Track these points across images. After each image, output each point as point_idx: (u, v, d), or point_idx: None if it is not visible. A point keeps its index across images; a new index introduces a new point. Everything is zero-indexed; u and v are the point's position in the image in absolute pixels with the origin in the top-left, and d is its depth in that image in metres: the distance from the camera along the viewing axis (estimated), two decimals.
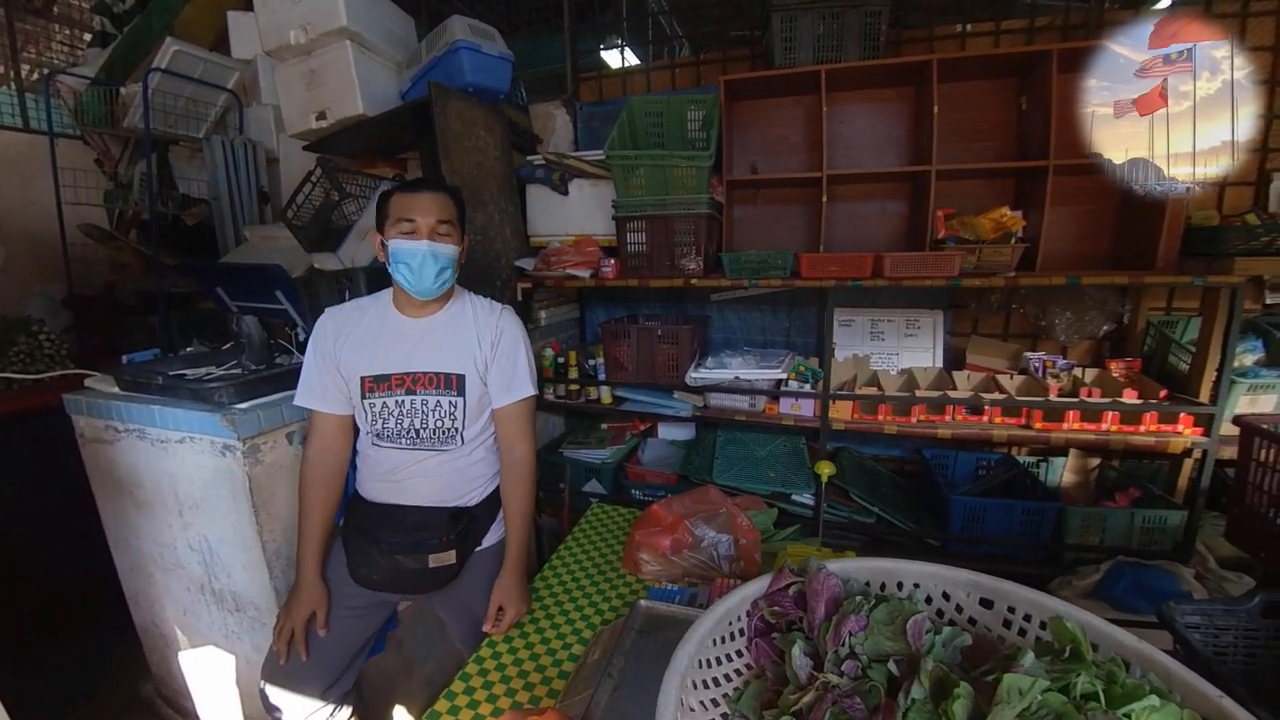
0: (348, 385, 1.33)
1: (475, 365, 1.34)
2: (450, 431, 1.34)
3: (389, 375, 1.30)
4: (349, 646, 1.40)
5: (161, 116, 2.75)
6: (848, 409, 2.13)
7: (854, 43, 2.21)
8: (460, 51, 2.18)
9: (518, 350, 1.38)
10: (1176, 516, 1.90)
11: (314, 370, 1.34)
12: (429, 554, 1.33)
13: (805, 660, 0.70)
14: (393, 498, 1.36)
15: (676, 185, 2.12)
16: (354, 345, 1.32)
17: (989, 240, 1.99)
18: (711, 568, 1.41)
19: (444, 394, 1.32)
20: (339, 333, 1.33)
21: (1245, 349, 2.02)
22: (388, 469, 1.35)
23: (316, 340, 1.34)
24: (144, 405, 1.56)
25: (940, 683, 0.62)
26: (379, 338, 1.33)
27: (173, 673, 1.90)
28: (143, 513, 1.70)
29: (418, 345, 1.33)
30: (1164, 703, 0.62)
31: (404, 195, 1.28)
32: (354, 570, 1.35)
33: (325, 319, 1.36)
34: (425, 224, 1.26)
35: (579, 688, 1.06)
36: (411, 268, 1.25)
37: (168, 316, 2.83)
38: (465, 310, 1.38)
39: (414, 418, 1.31)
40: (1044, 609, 0.80)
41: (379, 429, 1.33)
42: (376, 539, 1.33)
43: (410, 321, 1.34)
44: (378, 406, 1.31)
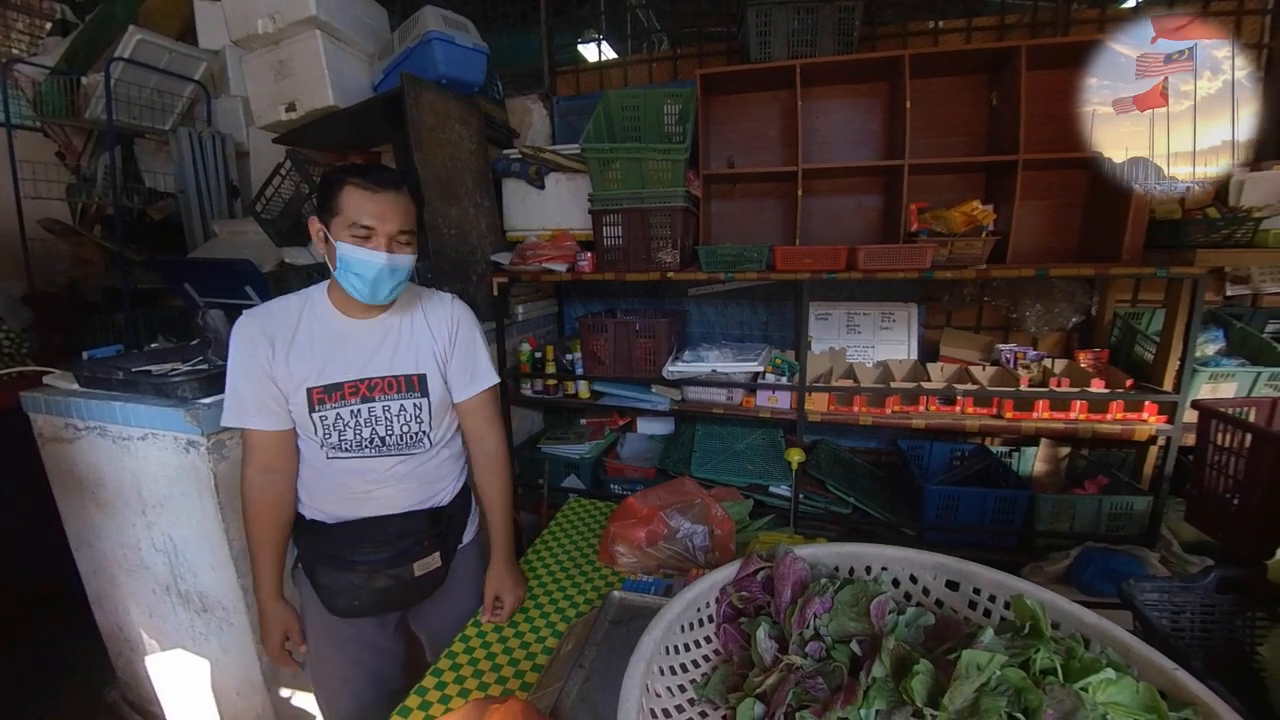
0: (288, 399, 1.17)
1: (436, 362, 1.25)
2: (417, 435, 1.24)
3: (340, 384, 1.17)
4: (381, 684, 1.31)
5: (125, 108, 2.68)
6: (824, 401, 2.14)
7: (828, 38, 2.22)
8: (433, 42, 2.15)
9: (475, 339, 1.31)
10: (1142, 502, 1.95)
11: (243, 384, 1.16)
12: (413, 561, 1.25)
13: (770, 643, 0.70)
14: (365, 511, 1.24)
15: (652, 179, 2.11)
16: (294, 354, 1.16)
17: (961, 233, 2.02)
18: (687, 559, 1.41)
19: (406, 397, 1.22)
20: (270, 340, 1.15)
21: (1207, 339, 2.08)
22: (352, 481, 1.22)
23: (243, 348, 1.16)
24: (104, 402, 1.52)
25: (902, 661, 0.62)
26: (322, 344, 1.18)
27: (139, 678, 1.85)
28: (105, 513, 1.66)
29: (370, 348, 1.20)
30: (1120, 675, 0.63)
31: (360, 193, 1.09)
32: (330, 603, 1.23)
33: (246, 324, 1.17)
34: (385, 232, 1.10)
35: (551, 680, 1.05)
36: (365, 279, 1.12)
37: (134, 314, 2.76)
38: (415, 305, 1.27)
39: (375, 425, 1.20)
40: (1007, 589, 0.81)
41: (335, 441, 1.19)
42: (351, 563, 1.21)
43: (357, 323, 1.20)
44: (330, 418, 1.17)
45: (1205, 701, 0.62)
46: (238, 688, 1.64)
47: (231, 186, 2.92)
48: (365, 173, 1.12)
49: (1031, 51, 1.99)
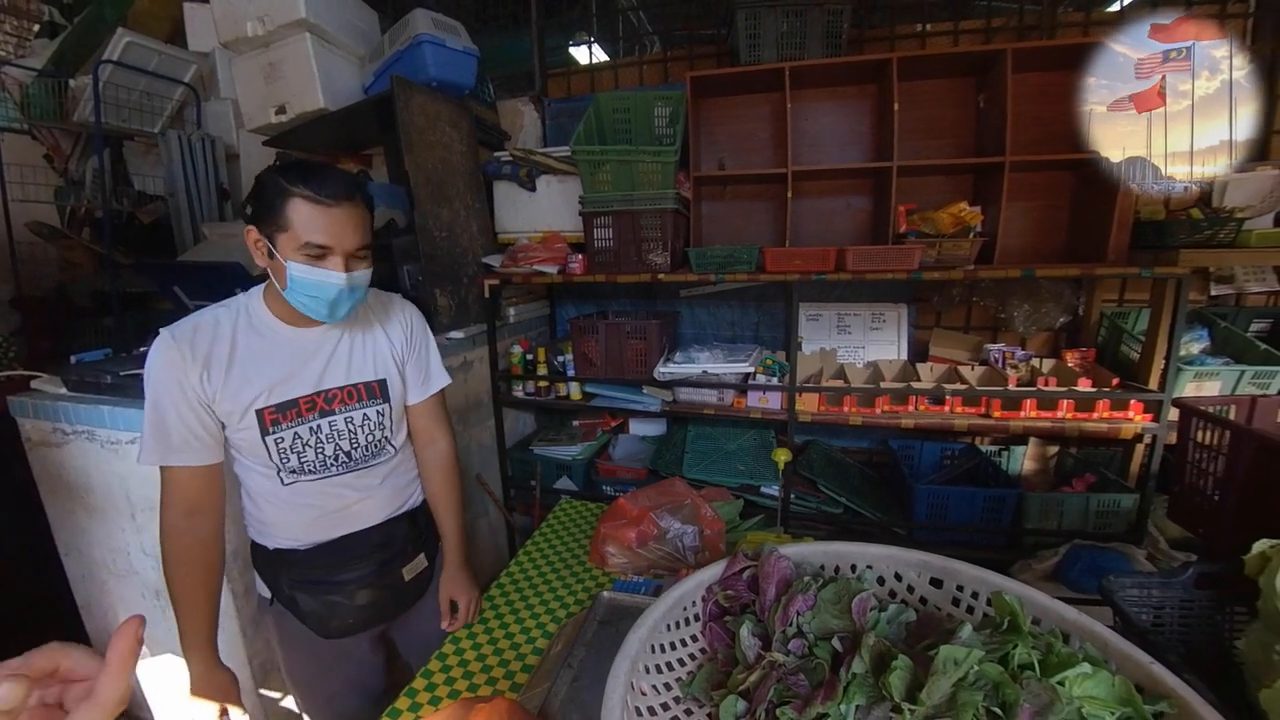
0: (227, 426, 1.06)
1: (395, 365, 1.21)
2: (380, 443, 1.20)
3: (295, 400, 1.08)
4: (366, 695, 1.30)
5: (114, 110, 2.67)
6: (814, 401, 2.15)
7: (817, 41, 2.24)
8: (423, 45, 2.15)
9: (429, 340, 1.29)
10: (1129, 500, 1.96)
11: (170, 415, 1.01)
12: (401, 567, 1.26)
13: (754, 640, 0.71)
14: (343, 529, 1.18)
15: (643, 181, 2.12)
16: (235, 375, 1.04)
17: (949, 234, 2.04)
18: (677, 559, 1.42)
19: (369, 405, 1.16)
20: (203, 361, 1.02)
21: (1191, 338, 2.10)
22: (322, 502, 1.15)
23: (165, 374, 1.01)
24: (93, 405, 1.52)
25: (881, 657, 0.63)
26: (267, 359, 1.06)
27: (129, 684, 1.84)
28: (94, 518, 1.65)
29: (325, 359, 1.12)
30: (1096, 670, 0.64)
31: (311, 208, 0.97)
32: (320, 627, 1.20)
33: (168, 345, 1.01)
34: (342, 251, 1.00)
35: (540, 680, 1.05)
36: (322, 300, 1.02)
37: (123, 317, 2.75)
38: (365, 308, 1.19)
39: (339, 440, 1.13)
40: (989, 585, 0.82)
41: (294, 464, 1.10)
42: (338, 583, 1.18)
43: (304, 333, 1.10)
44: (286, 440, 1.08)
45: (1180, 695, 0.63)
46: None
47: (221, 189, 2.91)
48: (313, 180, 0.97)
49: (1018, 54, 2.01)
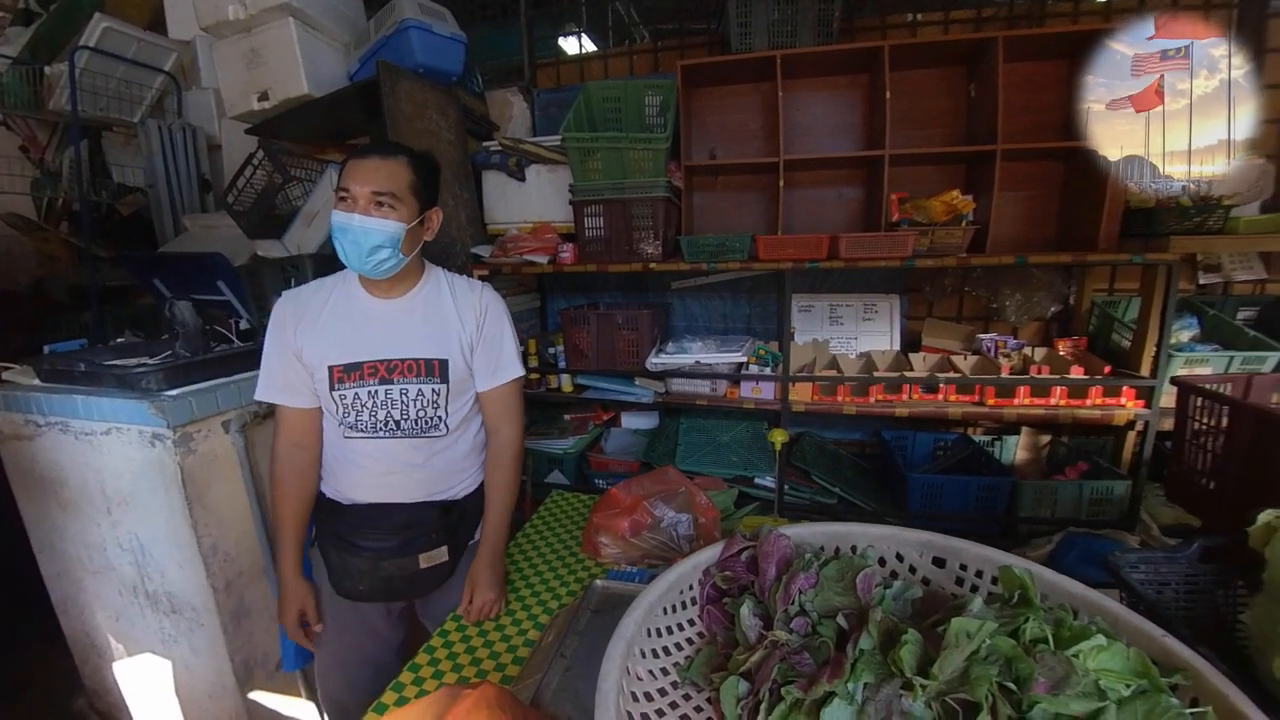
0: (312, 376, 1.20)
1: (461, 347, 1.24)
2: (433, 420, 1.24)
3: (360, 364, 1.18)
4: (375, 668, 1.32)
5: (91, 99, 2.60)
6: (808, 391, 2.14)
7: (808, 29, 2.23)
8: (410, 31, 2.11)
9: (503, 329, 1.29)
10: (1121, 487, 1.97)
11: (275, 361, 1.21)
12: (419, 553, 1.25)
13: (755, 620, 0.68)
14: (376, 496, 1.25)
15: (633, 169, 2.09)
16: (317, 332, 1.19)
17: (941, 222, 2.03)
18: (671, 548, 1.39)
19: (425, 381, 1.21)
20: (299, 318, 1.20)
21: (1181, 326, 2.11)
22: (366, 463, 1.24)
23: (275, 327, 1.21)
24: (65, 396, 1.47)
25: (889, 633, 0.61)
26: (346, 322, 1.20)
27: (108, 684, 1.79)
28: (68, 512, 1.60)
29: (392, 330, 1.21)
30: (1111, 642, 0.62)
31: (350, 161, 1.15)
32: (337, 584, 1.26)
33: (283, 303, 1.23)
34: (361, 194, 1.12)
35: (532, 671, 1.02)
36: (343, 244, 1.13)
37: (101, 311, 2.68)
38: (441, 289, 1.27)
39: (391, 408, 1.20)
40: (993, 562, 0.80)
41: (351, 420, 1.21)
42: (358, 547, 1.23)
43: (380, 303, 1.22)
44: (349, 398, 1.19)
45: (1195, 666, 0.62)
46: (210, 691, 1.58)
47: (203, 180, 2.84)
48: (360, 148, 1.18)
49: (1008, 43, 2.01)
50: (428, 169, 1.21)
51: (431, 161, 1.24)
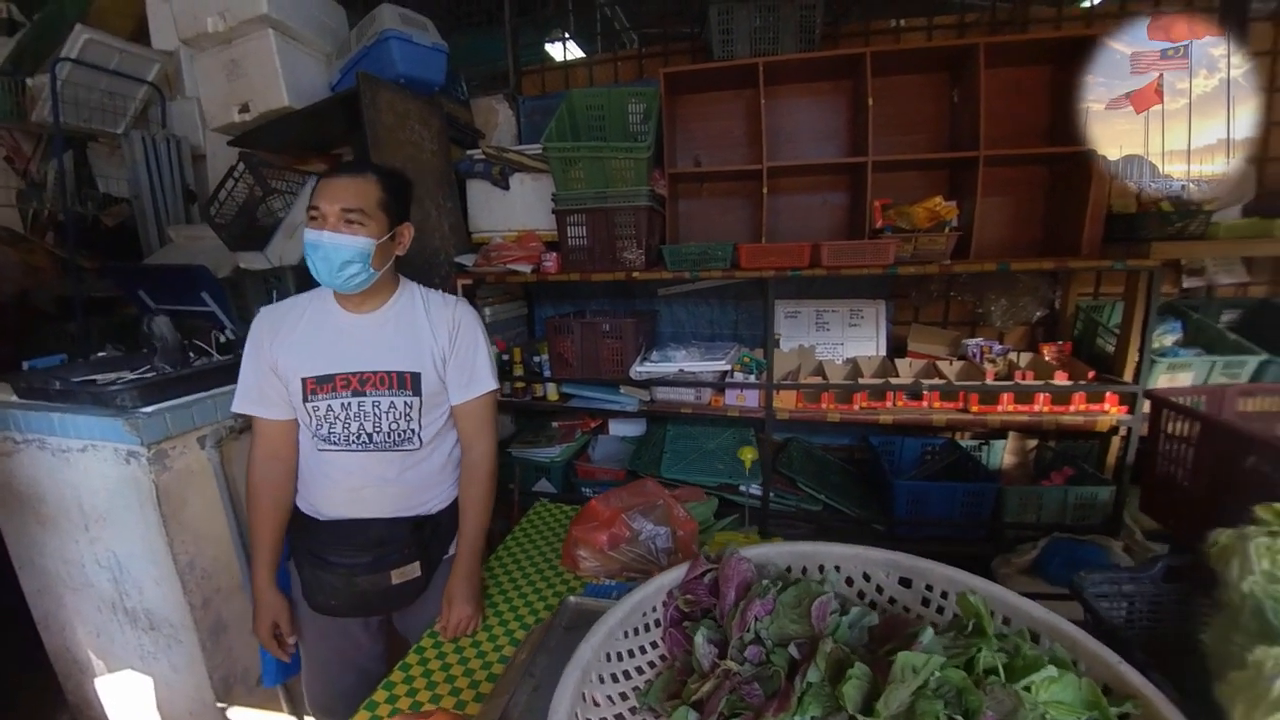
0: (287, 388, 1.22)
1: (434, 360, 1.24)
2: (406, 433, 1.24)
3: (333, 376, 1.20)
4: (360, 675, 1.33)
5: (74, 110, 2.59)
6: (792, 398, 2.13)
7: (790, 36, 2.23)
8: (390, 41, 2.11)
9: (477, 342, 1.29)
10: (1105, 492, 1.97)
11: (251, 374, 1.23)
12: (391, 569, 1.25)
13: (709, 648, 0.68)
14: (349, 511, 1.25)
15: (616, 178, 2.09)
16: (293, 344, 1.21)
17: (925, 229, 2.03)
18: (650, 561, 1.38)
19: (397, 394, 1.22)
20: (275, 331, 1.22)
21: (1165, 330, 2.11)
22: (340, 477, 1.24)
23: (252, 341, 1.24)
24: (42, 413, 1.46)
25: (839, 664, 0.60)
26: (320, 336, 1.22)
27: (90, 700, 1.78)
28: (47, 529, 1.59)
29: (366, 343, 1.22)
30: (1062, 673, 0.62)
31: (320, 180, 1.18)
32: (311, 599, 1.27)
33: (261, 318, 1.26)
34: (330, 212, 1.13)
35: (502, 691, 1.02)
36: (315, 261, 1.15)
37: (86, 323, 2.67)
38: (415, 304, 1.28)
39: (364, 420, 1.21)
40: (957, 584, 0.79)
41: (324, 433, 1.21)
42: (330, 563, 1.23)
43: (354, 317, 1.23)
44: (322, 409, 1.20)
45: (1145, 694, 0.61)
46: (190, 707, 1.58)
47: (188, 191, 2.83)
48: (331, 168, 1.23)
49: (990, 49, 2.01)
50: (398, 185, 1.23)
51: (402, 178, 1.25)
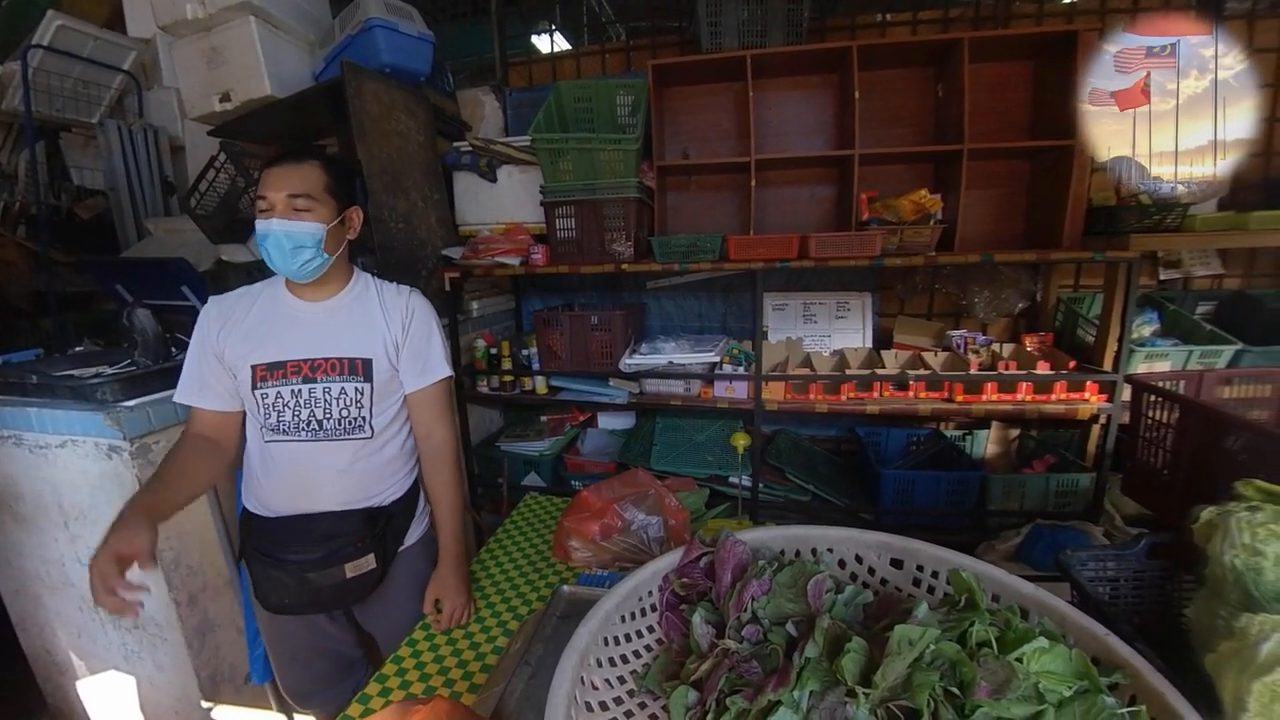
0: (235, 376, 1.21)
1: (385, 348, 1.24)
2: (357, 420, 1.23)
3: (284, 362, 1.19)
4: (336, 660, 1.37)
5: (47, 99, 2.52)
6: (781, 390, 2.15)
7: (778, 29, 2.23)
8: (375, 30, 2.08)
9: (430, 330, 1.30)
10: (1086, 479, 2.01)
11: (194, 363, 1.22)
12: (345, 563, 1.22)
13: (707, 629, 0.69)
14: (299, 505, 1.23)
15: (604, 169, 2.08)
16: (243, 333, 1.20)
17: (910, 221, 2.05)
18: (642, 551, 1.39)
19: (348, 380, 1.21)
20: (224, 320, 1.21)
21: (1143, 321, 2.16)
22: (289, 468, 1.22)
23: (198, 331, 1.22)
24: (18, 408, 1.42)
25: (836, 640, 0.61)
26: (272, 323, 1.22)
27: (71, 703, 1.74)
28: (24, 528, 1.56)
29: (318, 330, 1.22)
30: (1053, 644, 0.64)
31: (263, 171, 1.17)
32: (264, 599, 1.24)
33: (209, 308, 1.24)
34: (278, 200, 1.14)
35: (497, 680, 1.02)
36: (268, 249, 1.15)
37: (61, 318, 2.60)
38: (369, 292, 1.29)
39: (314, 407, 1.20)
40: (947, 563, 0.81)
41: (274, 422, 1.20)
42: (281, 560, 1.21)
43: (307, 305, 1.23)
44: (270, 397, 1.19)
45: (1134, 665, 0.63)
46: (175, 706, 1.56)
47: (166, 183, 2.78)
48: (275, 155, 1.19)
49: (973, 44, 2.03)
50: (340, 170, 1.23)
51: (343, 163, 1.27)
